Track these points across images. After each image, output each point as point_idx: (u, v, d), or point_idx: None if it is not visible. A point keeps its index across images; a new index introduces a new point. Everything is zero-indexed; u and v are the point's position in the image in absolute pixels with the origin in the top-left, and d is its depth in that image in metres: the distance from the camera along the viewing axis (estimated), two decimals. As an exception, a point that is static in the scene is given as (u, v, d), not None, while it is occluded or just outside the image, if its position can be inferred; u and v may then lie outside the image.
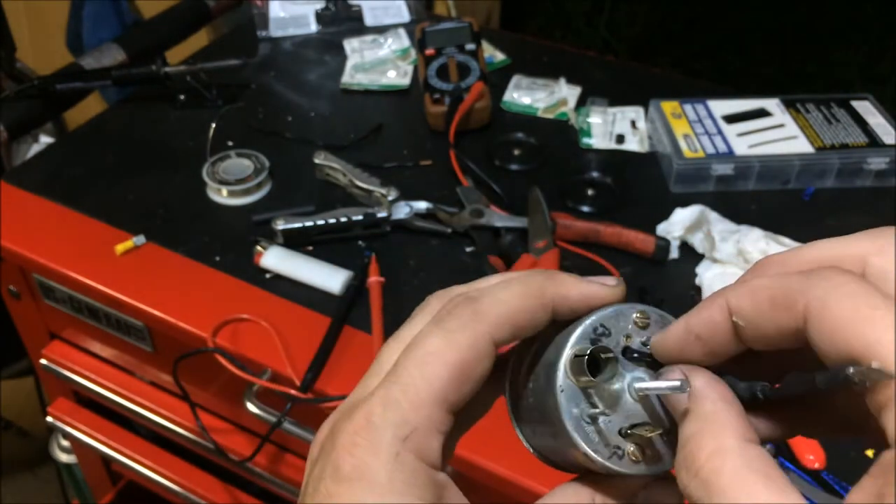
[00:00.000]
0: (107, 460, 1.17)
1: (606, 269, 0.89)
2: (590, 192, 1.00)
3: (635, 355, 0.30)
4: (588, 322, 0.30)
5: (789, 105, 1.07)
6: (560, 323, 0.31)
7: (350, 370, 0.79)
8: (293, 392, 0.77)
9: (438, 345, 0.28)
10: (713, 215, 0.92)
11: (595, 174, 1.03)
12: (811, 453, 0.70)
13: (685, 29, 2.66)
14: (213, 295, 0.87)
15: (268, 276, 0.89)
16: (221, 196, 0.99)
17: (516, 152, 1.06)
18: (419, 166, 1.04)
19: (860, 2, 2.57)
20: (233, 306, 0.84)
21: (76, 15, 1.71)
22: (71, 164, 1.06)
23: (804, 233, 0.90)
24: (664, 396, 0.29)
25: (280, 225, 0.91)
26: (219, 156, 1.02)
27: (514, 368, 0.33)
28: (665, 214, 0.93)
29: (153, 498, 1.13)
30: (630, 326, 0.30)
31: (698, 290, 0.86)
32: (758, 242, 0.87)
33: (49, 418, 1.13)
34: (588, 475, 0.30)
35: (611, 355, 0.29)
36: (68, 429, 1.12)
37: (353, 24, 1.31)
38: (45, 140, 1.25)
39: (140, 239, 0.92)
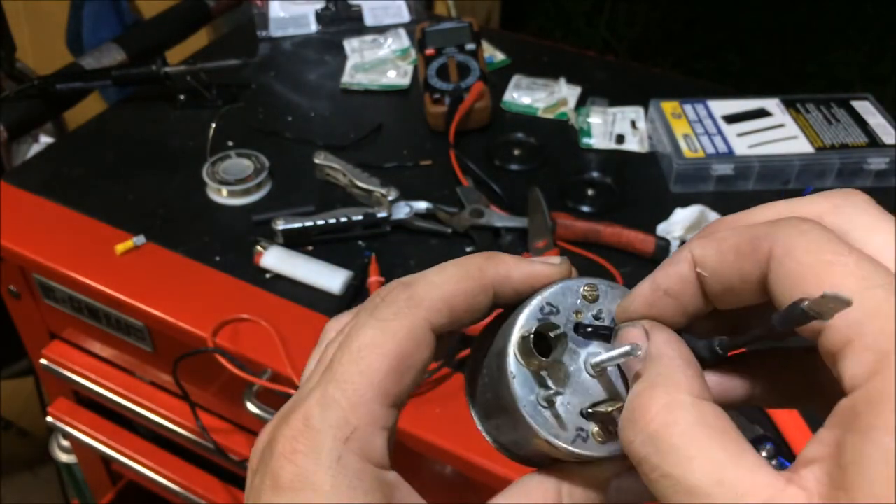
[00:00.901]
0: (107, 460, 1.17)
1: (606, 270, 0.89)
2: (590, 192, 1.00)
3: (588, 330, 0.28)
4: (534, 302, 0.28)
5: (789, 105, 1.07)
6: (510, 311, 0.29)
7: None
8: (293, 392, 0.77)
9: (373, 336, 0.27)
10: (713, 215, 0.92)
11: (595, 174, 1.03)
12: (811, 453, 0.70)
13: (685, 29, 2.66)
14: (213, 295, 0.87)
15: (268, 276, 0.89)
16: (221, 196, 0.99)
17: (516, 152, 1.06)
18: (419, 166, 1.04)
19: (860, 2, 2.57)
20: (233, 306, 0.84)
21: (76, 15, 1.71)
22: (71, 164, 1.06)
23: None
24: (623, 364, 0.27)
25: (280, 225, 0.91)
26: (219, 156, 1.02)
27: (470, 365, 0.32)
28: (665, 214, 0.93)
29: (153, 498, 1.13)
30: (579, 301, 0.29)
31: (698, 290, 0.86)
32: (758, 242, 0.87)
33: (49, 418, 1.13)
34: (555, 466, 0.29)
35: (559, 331, 0.27)
36: (68, 429, 1.12)
37: (353, 24, 1.31)
38: (45, 140, 1.25)
39: (140, 239, 0.92)
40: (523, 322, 0.28)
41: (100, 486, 1.29)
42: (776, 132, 1.03)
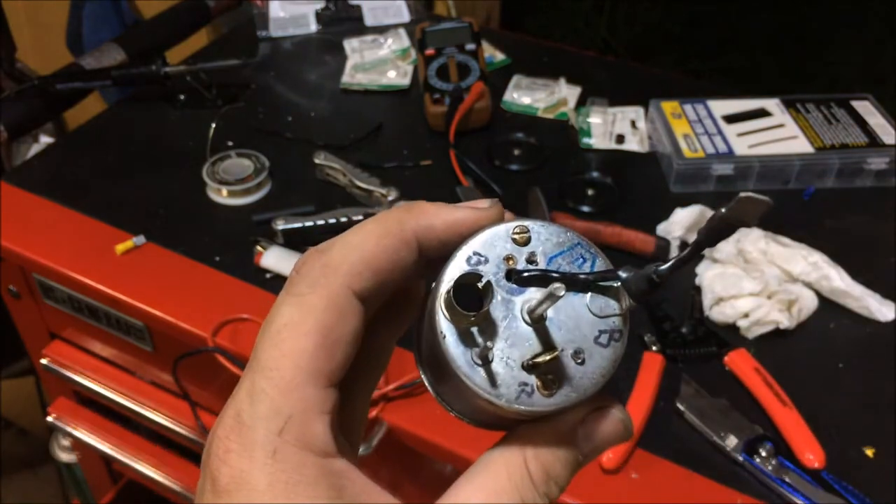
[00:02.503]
0: (107, 460, 1.17)
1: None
2: (590, 192, 1.00)
3: (524, 275, 0.26)
4: (459, 254, 0.26)
5: (789, 105, 1.07)
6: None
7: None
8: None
9: (291, 314, 0.25)
10: (713, 215, 0.92)
11: (595, 174, 1.03)
12: (811, 453, 0.70)
13: (685, 29, 2.66)
14: (213, 295, 0.87)
15: (268, 276, 0.89)
16: (221, 196, 0.99)
17: (516, 152, 1.06)
18: (419, 166, 1.04)
19: (860, 1, 2.57)
20: (233, 306, 0.84)
21: (76, 15, 1.71)
22: (71, 164, 1.05)
23: (804, 232, 0.90)
24: (560, 312, 0.25)
25: (280, 225, 0.91)
26: (219, 156, 1.02)
27: (416, 331, 0.30)
28: (665, 214, 0.93)
29: (153, 497, 1.13)
30: (509, 246, 0.26)
31: (698, 290, 0.86)
32: (758, 242, 0.87)
33: (49, 418, 1.13)
34: (513, 433, 0.27)
35: (484, 281, 0.25)
36: (69, 428, 1.12)
37: (353, 24, 1.31)
38: (45, 140, 1.25)
39: (140, 239, 0.92)
40: (448, 276, 0.26)
41: (100, 486, 1.29)
42: (776, 132, 1.03)
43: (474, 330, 0.25)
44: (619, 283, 0.27)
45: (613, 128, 1.09)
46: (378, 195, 0.95)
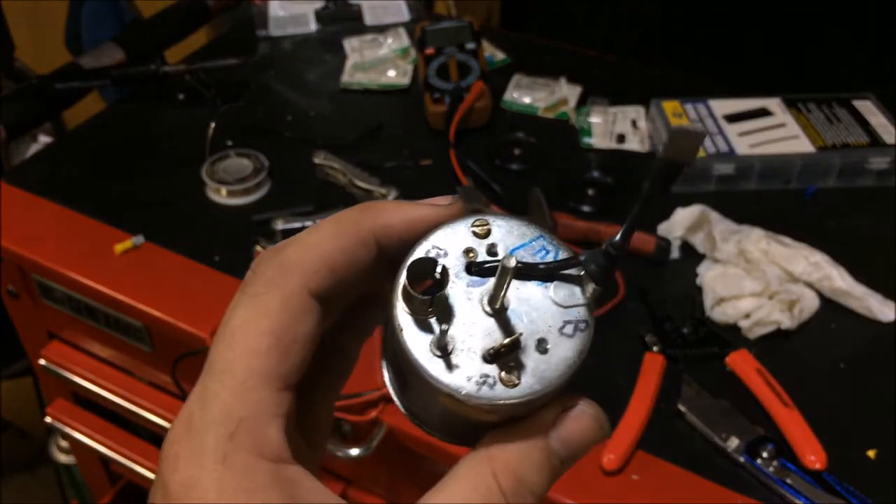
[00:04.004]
0: (106, 461, 1.17)
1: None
2: (590, 191, 1.00)
3: (485, 266, 0.26)
4: (419, 249, 0.26)
5: (790, 104, 1.07)
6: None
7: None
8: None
9: (245, 315, 0.24)
10: (714, 215, 0.92)
11: (595, 174, 1.02)
12: (812, 454, 0.70)
13: (686, 28, 2.65)
14: (212, 295, 0.86)
15: (267, 276, 0.88)
16: (221, 196, 0.99)
17: (516, 152, 1.06)
18: (419, 166, 1.04)
19: (862, 1, 2.57)
20: (232, 306, 0.84)
21: (75, 14, 1.70)
22: (70, 163, 1.05)
23: (806, 232, 0.90)
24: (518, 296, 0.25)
25: (280, 225, 0.91)
26: (218, 155, 1.02)
27: (382, 338, 0.29)
28: (666, 214, 0.93)
29: (152, 498, 1.13)
30: (469, 239, 0.26)
31: (699, 290, 0.86)
32: (759, 242, 0.87)
33: (48, 419, 1.12)
34: (483, 441, 0.25)
35: (439, 267, 0.25)
36: (67, 429, 1.11)
37: (353, 23, 1.31)
38: (44, 140, 1.25)
39: (139, 239, 0.92)
40: (404, 274, 0.25)
41: (99, 487, 1.28)
42: (777, 132, 1.03)
43: (433, 322, 0.25)
44: (583, 272, 0.26)
45: (614, 127, 1.09)
46: (378, 195, 0.95)
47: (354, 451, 0.79)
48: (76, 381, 1.04)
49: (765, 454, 0.71)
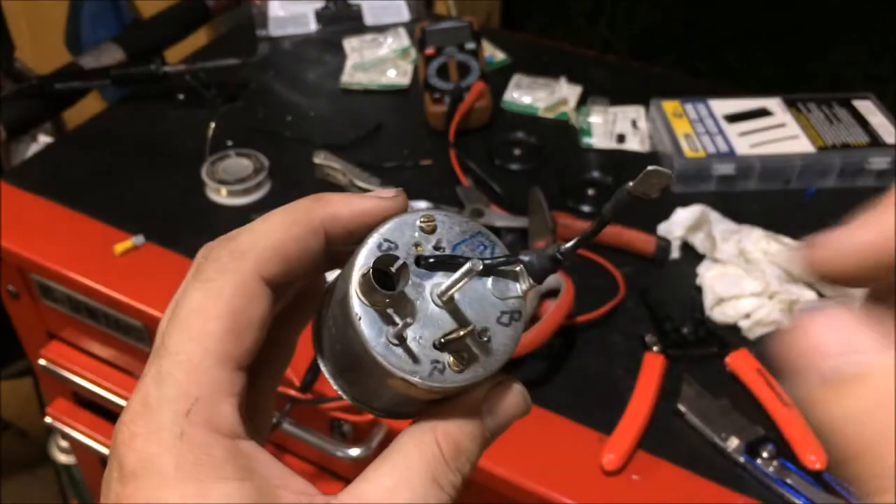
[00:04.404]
0: (106, 461, 1.16)
1: (607, 269, 0.88)
2: (590, 191, 1.00)
3: (431, 261, 0.27)
4: (370, 240, 0.27)
5: (790, 104, 1.07)
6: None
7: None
8: (292, 393, 0.77)
9: (200, 299, 0.25)
10: (714, 215, 0.92)
11: (595, 174, 1.02)
12: (813, 454, 0.70)
13: (686, 28, 2.65)
14: (212, 295, 0.86)
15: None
16: (221, 196, 0.99)
17: (516, 152, 1.06)
18: (419, 166, 1.04)
19: (862, 1, 2.57)
20: (232, 306, 0.84)
21: (75, 14, 1.70)
22: (70, 163, 1.05)
23: (806, 233, 0.90)
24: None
25: (279, 225, 0.90)
26: (218, 155, 1.02)
27: (315, 322, 0.31)
28: (666, 214, 0.93)
29: (152, 498, 1.13)
30: (417, 234, 0.28)
31: (699, 290, 0.86)
32: (759, 242, 0.87)
33: (48, 419, 1.12)
34: (423, 414, 0.28)
35: (399, 263, 0.26)
36: (67, 429, 1.11)
37: (353, 23, 1.31)
38: (44, 140, 1.25)
39: (139, 239, 0.92)
40: (362, 261, 0.27)
41: (99, 487, 1.28)
42: (777, 132, 1.03)
43: (389, 312, 0.26)
44: (519, 268, 0.28)
45: (614, 127, 1.09)
46: (378, 195, 0.95)
47: (354, 452, 0.79)
48: (76, 381, 1.04)
49: (765, 454, 0.71)
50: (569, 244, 0.28)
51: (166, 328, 0.25)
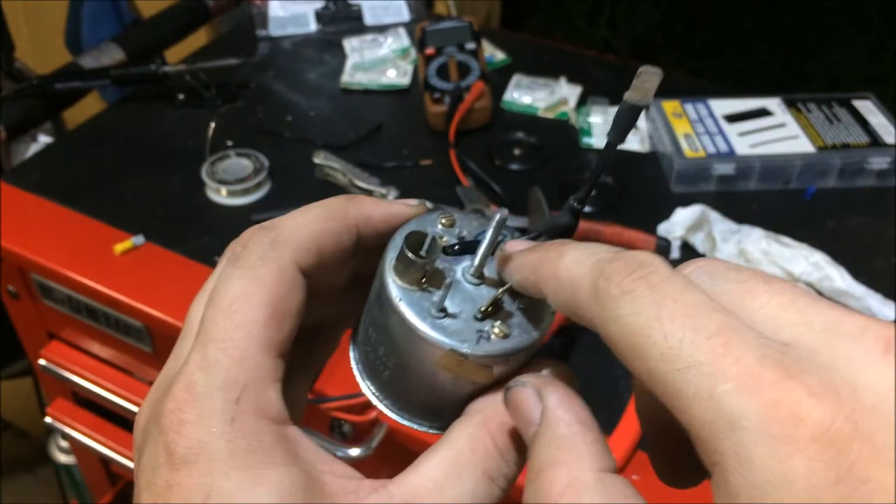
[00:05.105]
0: (106, 461, 1.17)
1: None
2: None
3: (456, 248, 0.29)
4: (398, 235, 0.29)
5: (790, 104, 1.07)
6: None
7: (349, 370, 0.78)
8: (292, 393, 0.77)
9: (243, 286, 0.25)
10: (714, 215, 0.92)
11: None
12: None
13: (686, 28, 2.65)
14: (212, 295, 0.86)
15: (267, 276, 0.88)
16: (221, 196, 0.99)
17: (516, 152, 1.06)
18: (419, 166, 1.04)
19: (861, 0, 2.57)
20: (232, 307, 0.84)
21: (75, 14, 1.70)
22: (70, 163, 1.05)
23: (806, 232, 0.90)
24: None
25: (279, 225, 0.91)
26: (218, 155, 1.02)
27: (354, 352, 0.31)
28: (666, 214, 0.93)
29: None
30: (439, 228, 0.29)
31: (699, 290, 0.86)
32: (759, 242, 0.87)
33: (48, 419, 1.12)
34: (473, 410, 0.27)
35: (429, 238, 0.27)
36: (67, 429, 1.11)
37: (353, 23, 1.31)
38: (44, 140, 1.25)
39: (139, 239, 0.92)
40: (392, 253, 0.28)
41: (99, 487, 1.28)
42: (777, 132, 1.03)
43: (427, 291, 0.27)
44: (544, 237, 0.29)
45: (614, 127, 1.09)
46: (378, 195, 0.95)
47: (354, 451, 0.79)
48: (76, 381, 1.04)
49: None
50: (581, 192, 0.29)
51: (207, 315, 0.26)
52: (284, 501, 0.23)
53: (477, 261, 0.28)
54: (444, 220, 0.29)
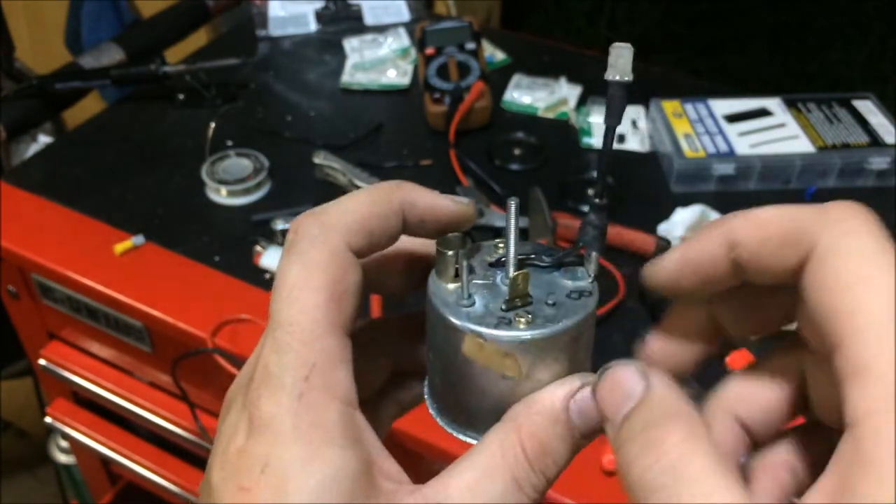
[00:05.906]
0: (105, 461, 1.17)
1: (607, 269, 0.88)
2: (590, 191, 1.00)
3: (501, 259, 0.30)
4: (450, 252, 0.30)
5: (790, 104, 1.07)
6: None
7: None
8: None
9: (298, 272, 0.27)
10: (714, 215, 0.92)
11: (595, 174, 1.02)
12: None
13: (686, 28, 2.65)
14: (212, 295, 0.86)
15: (267, 276, 0.88)
16: (221, 196, 0.99)
17: (516, 152, 1.06)
18: (419, 166, 1.04)
19: (861, 1, 2.57)
20: (232, 306, 0.84)
21: (75, 14, 1.70)
22: (70, 163, 1.05)
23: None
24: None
25: (280, 225, 0.91)
26: (218, 155, 1.02)
27: (427, 389, 0.32)
28: (666, 214, 0.93)
29: (152, 499, 1.13)
30: (490, 249, 0.31)
31: (699, 290, 0.86)
32: (759, 242, 0.86)
33: (48, 419, 1.12)
34: (507, 417, 0.27)
35: (461, 235, 0.29)
36: (67, 429, 1.11)
37: (353, 23, 1.31)
38: (44, 140, 1.25)
39: (139, 239, 0.92)
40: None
41: (99, 487, 1.28)
42: (777, 132, 1.03)
43: (458, 290, 0.28)
44: (586, 254, 0.30)
45: (614, 127, 1.09)
46: (378, 195, 0.95)
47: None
48: (76, 381, 1.04)
49: (765, 454, 0.71)
50: (596, 188, 0.30)
51: (272, 304, 0.27)
52: (332, 484, 0.24)
53: (511, 248, 0.29)
54: (497, 245, 0.31)
